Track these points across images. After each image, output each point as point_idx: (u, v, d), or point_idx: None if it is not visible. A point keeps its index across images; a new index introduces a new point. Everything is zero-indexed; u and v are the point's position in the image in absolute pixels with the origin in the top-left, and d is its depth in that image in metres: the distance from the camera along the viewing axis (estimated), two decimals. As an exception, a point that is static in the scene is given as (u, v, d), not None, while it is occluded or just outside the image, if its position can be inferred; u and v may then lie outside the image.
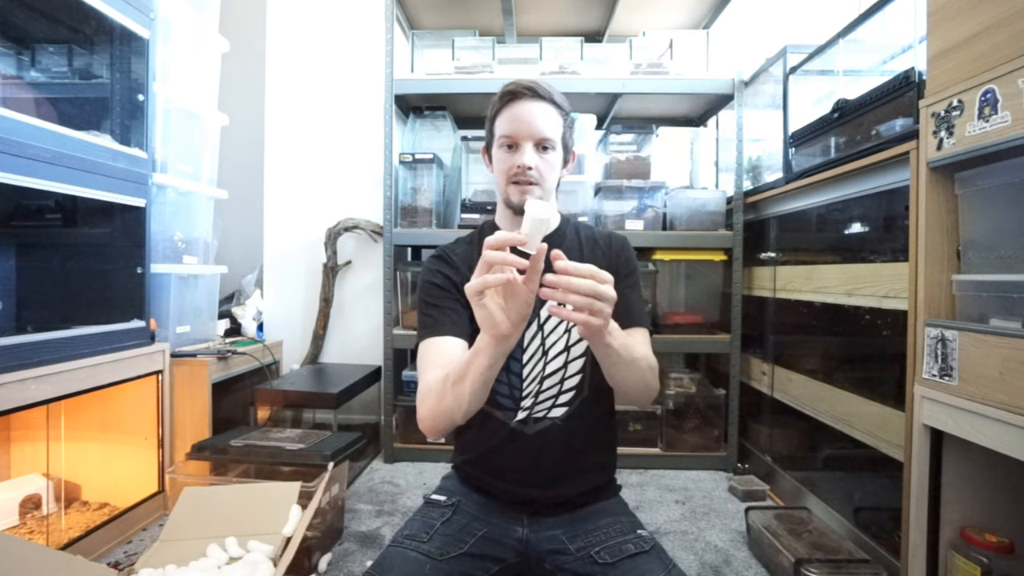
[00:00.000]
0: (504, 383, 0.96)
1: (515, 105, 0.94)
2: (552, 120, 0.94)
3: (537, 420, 0.95)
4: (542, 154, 0.94)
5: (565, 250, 0.92)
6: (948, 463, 1.03)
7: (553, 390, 0.95)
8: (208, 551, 1.19)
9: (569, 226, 1.05)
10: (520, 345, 0.95)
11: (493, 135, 0.98)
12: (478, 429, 0.98)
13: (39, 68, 1.61)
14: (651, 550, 0.84)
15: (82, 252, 1.56)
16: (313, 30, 2.47)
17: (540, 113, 0.93)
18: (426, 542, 0.87)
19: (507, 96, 0.94)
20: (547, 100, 0.94)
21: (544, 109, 0.94)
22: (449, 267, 0.99)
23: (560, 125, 0.96)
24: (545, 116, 0.94)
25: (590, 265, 0.68)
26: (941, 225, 1.04)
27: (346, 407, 1.97)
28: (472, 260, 0.95)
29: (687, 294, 2.11)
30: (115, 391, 1.46)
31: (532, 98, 0.93)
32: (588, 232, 1.05)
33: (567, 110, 0.98)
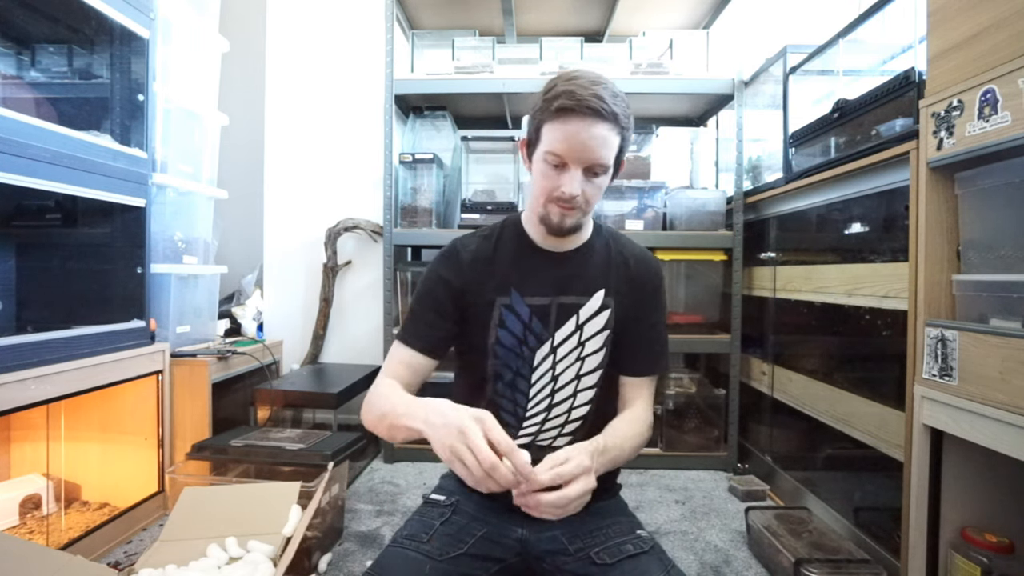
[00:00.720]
0: (508, 399, 0.94)
1: (570, 122, 0.80)
2: (610, 143, 0.81)
3: (542, 448, 0.93)
4: (591, 179, 0.84)
5: (590, 270, 0.93)
6: (948, 463, 1.03)
7: (560, 419, 0.93)
8: (208, 551, 1.19)
9: (599, 239, 0.96)
10: (530, 364, 0.92)
11: (539, 140, 0.85)
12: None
13: (39, 68, 1.61)
14: (650, 551, 0.84)
15: (82, 252, 1.55)
16: (313, 30, 2.47)
17: (599, 137, 0.80)
18: (425, 542, 0.87)
19: (563, 111, 0.79)
20: (608, 120, 0.80)
21: (603, 132, 0.80)
22: (453, 270, 0.93)
23: (617, 144, 0.83)
24: (603, 141, 0.80)
25: (551, 475, 0.71)
26: (941, 225, 1.04)
27: (346, 407, 1.97)
28: (485, 257, 0.93)
29: (687, 294, 2.11)
30: (115, 391, 1.46)
31: (592, 118, 0.79)
32: (619, 249, 0.96)
33: (627, 123, 0.84)
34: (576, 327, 0.91)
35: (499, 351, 0.92)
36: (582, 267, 0.93)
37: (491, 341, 0.92)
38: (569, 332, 0.91)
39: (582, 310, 0.91)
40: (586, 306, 0.91)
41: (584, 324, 0.91)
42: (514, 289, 0.91)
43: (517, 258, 0.93)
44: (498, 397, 0.94)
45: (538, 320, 0.91)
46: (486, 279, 0.92)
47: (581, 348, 0.92)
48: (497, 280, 0.92)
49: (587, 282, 0.92)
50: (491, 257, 0.94)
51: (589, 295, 0.92)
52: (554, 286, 0.91)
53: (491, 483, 0.68)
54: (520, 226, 0.96)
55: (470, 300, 0.93)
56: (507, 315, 0.91)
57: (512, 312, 0.91)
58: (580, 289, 0.92)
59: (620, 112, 0.81)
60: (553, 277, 0.92)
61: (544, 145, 0.83)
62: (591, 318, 0.92)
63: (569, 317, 0.91)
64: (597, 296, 0.92)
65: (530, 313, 0.91)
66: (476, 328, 0.93)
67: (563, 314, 0.91)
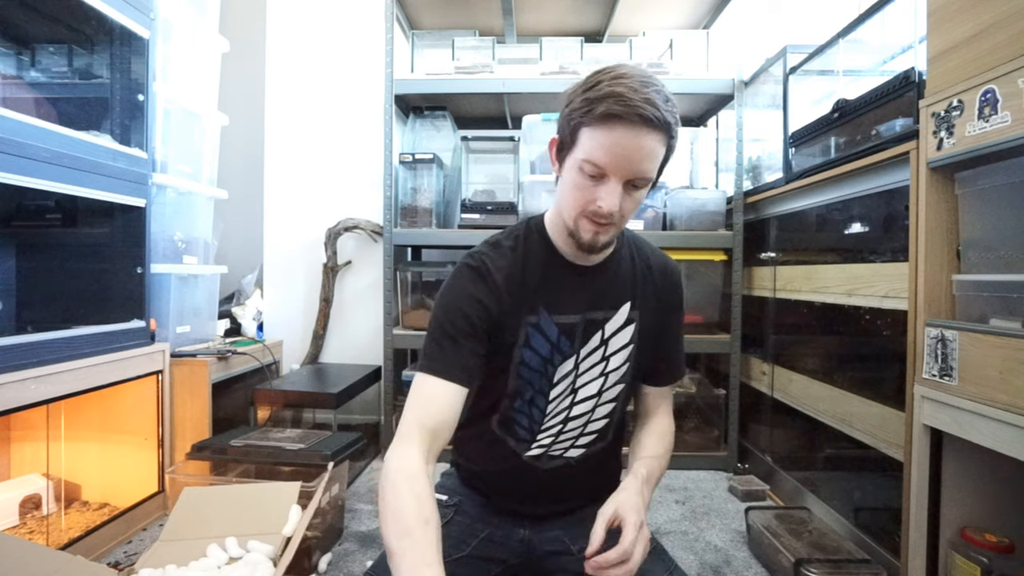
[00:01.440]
0: (525, 415, 0.89)
1: (616, 130, 0.70)
2: (657, 155, 0.72)
3: (552, 458, 0.90)
4: (631, 193, 0.74)
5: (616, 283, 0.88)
6: (948, 463, 1.03)
7: (575, 431, 0.90)
8: (208, 551, 1.19)
9: (624, 247, 0.90)
10: (550, 380, 0.86)
11: (574, 145, 0.74)
12: (487, 448, 0.92)
13: (39, 68, 1.61)
14: (653, 551, 0.84)
15: (82, 252, 1.55)
16: (313, 30, 2.47)
17: (646, 147, 0.70)
18: None
19: (609, 117, 0.69)
20: (660, 130, 0.70)
21: (652, 143, 0.71)
22: (488, 291, 0.82)
23: (662, 154, 0.74)
24: (651, 152, 0.71)
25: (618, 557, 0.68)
26: (941, 225, 1.04)
27: (346, 407, 1.97)
28: (517, 275, 0.83)
29: (687, 294, 2.10)
30: (115, 391, 1.46)
31: (642, 127, 0.69)
32: (643, 256, 0.91)
33: (675, 130, 0.74)
34: (601, 342, 0.87)
35: (523, 371, 0.85)
36: (610, 281, 0.87)
37: (515, 362, 0.84)
38: (594, 347, 0.86)
39: (608, 325, 0.86)
40: (612, 320, 0.86)
41: (609, 339, 0.87)
42: (543, 308, 0.84)
43: (545, 274, 0.85)
44: (514, 413, 0.88)
45: (565, 338, 0.85)
46: (513, 297, 0.83)
47: (605, 363, 0.87)
48: (526, 298, 0.83)
49: (614, 296, 0.87)
50: (522, 274, 0.84)
51: (616, 309, 0.86)
52: (583, 303, 0.85)
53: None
54: (546, 236, 0.87)
55: (503, 319, 0.83)
56: (533, 334, 0.84)
57: (539, 331, 0.84)
58: (606, 303, 0.86)
59: (673, 121, 0.72)
60: (582, 293, 0.85)
61: (582, 152, 0.73)
62: (616, 332, 0.87)
63: (595, 332, 0.86)
64: (623, 310, 0.87)
65: (558, 332, 0.84)
66: (500, 349, 0.84)
67: (589, 330, 0.86)
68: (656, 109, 0.69)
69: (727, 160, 2.25)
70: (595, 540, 0.70)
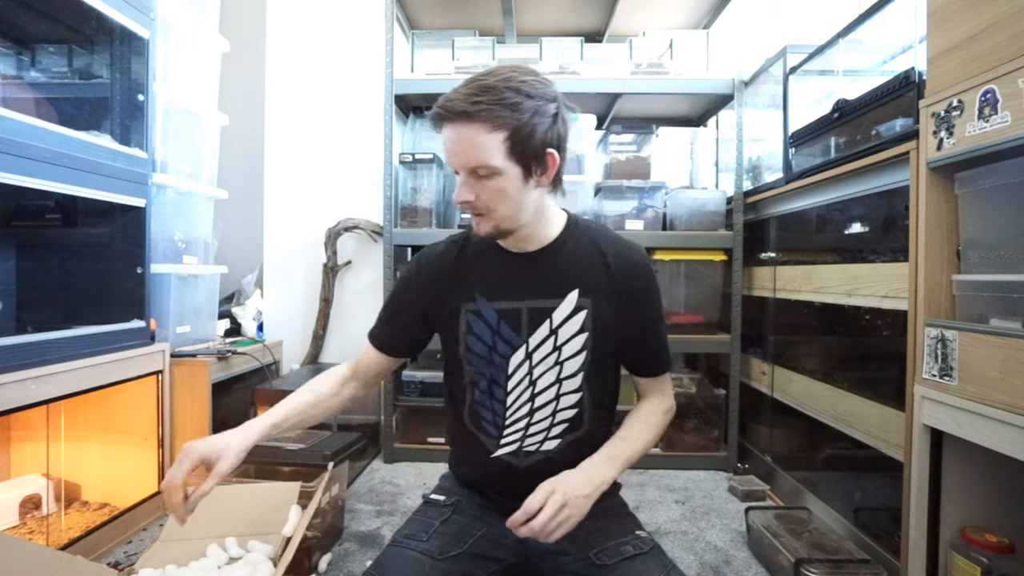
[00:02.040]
0: (487, 408, 0.92)
1: (444, 130, 0.78)
2: (483, 143, 0.75)
3: (529, 454, 0.91)
4: (482, 182, 0.78)
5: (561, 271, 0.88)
6: (948, 463, 1.03)
7: (544, 423, 0.90)
8: (208, 551, 1.19)
9: (572, 238, 0.90)
10: (505, 371, 0.89)
11: None
12: (466, 446, 0.97)
13: (39, 68, 1.61)
14: (650, 551, 0.84)
15: (82, 252, 1.55)
16: (313, 30, 2.47)
17: (465, 139, 0.76)
18: (425, 541, 0.87)
19: (435, 120, 0.79)
20: (476, 120, 0.75)
21: (470, 133, 0.76)
22: (420, 282, 0.95)
23: (499, 143, 0.76)
24: (472, 141, 0.76)
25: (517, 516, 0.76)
26: (941, 225, 1.04)
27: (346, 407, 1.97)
28: (449, 264, 0.93)
29: (687, 294, 2.11)
30: (115, 391, 1.46)
31: (454, 121, 0.76)
32: (598, 245, 0.90)
33: (519, 117, 0.76)
34: (550, 331, 0.88)
35: (471, 358, 0.91)
36: (552, 268, 0.88)
37: (462, 350, 0.91)
38: (544, 336, 0.88)
39: (555, 313, 0.87)
40: (559, 309, 0.87)
41: (559, 328, 0.88)
42: (479, 294, 0.88)
43: (483, 263, 0.91)
44: (477, 406, 0.93)
45: (507, 325, 0.88)
46: (451, 287, 0.91)
47: (558, 352, 0.88)
48: (462, 287, 0.90)
49: (558, 283, 0.87)
50: (455, 263, 0.92)
51: (561, 297, 0.87)
52: (523, 289, 0.88)
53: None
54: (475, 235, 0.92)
55: (437, 310, 0.93)
56: (475, 321, 0.89)
57: (480, 318, 0.89)
58: (551, 291, 0.87)
59: (487, 107, 0.74)
60: (521, 280, 0.88)
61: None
62: (565, 321, 0.88)
63: (542, 321, 0.87)
64: (570, 297, 0.87)
65: (498, 318, 0.88)
66: (448, 337, 0.94)
67: (535, 319, 0.87)
68: (465, 102, 0.75)
69: (727, 160, 2.25)
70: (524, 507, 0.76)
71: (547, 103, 0.79)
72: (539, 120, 0.78)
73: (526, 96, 0.77)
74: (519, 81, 0.77)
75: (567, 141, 0.85)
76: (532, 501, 0.76)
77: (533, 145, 0.78)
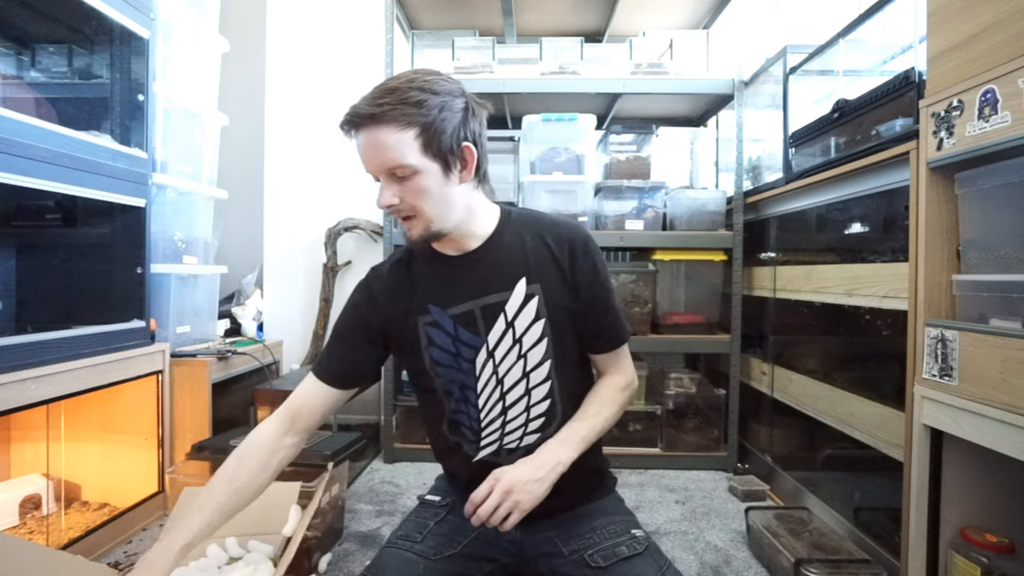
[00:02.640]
0: (464, 413, 0.91)
1: (356, 138, 0.79)
2: (394, 143, 0.76)
3: (512, 451, 0.90)
4: (403, 183, 0.78)
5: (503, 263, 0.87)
6: (948, 463, 1.03)
7: (520, 419, 0.89)
8: (208, 551, 1.19)
9: (509, 229, 0.90)
10: (473, 375, 0.88)
11: None
12: (449, 457, 0.97)
13: (39, 68, 1.61)
14: (645, 551, 0.84)
15: (82, 252, 1.55)
16: (313, 30, 2.47)
17: (377, 141, 0.76)
18: (419, 542, 0.87)
19: (344, 127, 0.79)
20: (383, 121, 0.75)
21: (381, 135, 0.76)
22: (368, 303, 0.92)
23: (410, 141, 0.76)
24: (384, 143, 0.76)
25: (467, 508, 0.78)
26: (941, 225, 1.04)
27: (346, 407, 1.96)
28: (399, 282, 0.91)
29: (687, 294, 2.11)
30: (115, 391, 1.46)
31: (362, 127, 0.77)
32: (538, 231, 0.90)
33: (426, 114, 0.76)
34: (507, 325, 0.87)
35: (438, 370, 0.90)
36: (492, 262, 0.88)
37: (428, 363, 0.90)
38: (501, 332, 0.87)
39: (507, 306, 0.87)
40: (510, 301, 0.87)
41: (514, 320, 0.87)
42: (431, 305, 0.88)
43: (428, 272, 0.90)
44: (455, 414, 0.92)
45: (464, 329, 0.87)
46: (404, 303, 0.90)
47: (519, 345, 0.88)
48: (412, 301, 0.89)
49: (503, 276, 0.87)
50: (405, 279, 0.91)
51: (510, 289, 0.87)
52: (471, 290, 0.87)
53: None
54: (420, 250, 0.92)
55: (394, 329, 0.91)
56: (433, 332, 0.88)
57: (437, 327, 0.88)
58: (498, 285, 0.87)
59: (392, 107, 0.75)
60: (465, 281, 0.87)
61: None
62: (519, 312, 0.87)
63: (496, 317, 0.87)
64: (519, 287, 0.87)
65: (454, 324, 0.87)
66: (409, 355, 0.91)
67: (489, 316, 0.87)
68: (370, 105, 0.75)
69: (727, 160, 2.25)
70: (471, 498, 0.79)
71: (454, 98, 0.79)
72: (448, 115, 0.78)
73: (431, 93, 0.77)
74: (422, 80, 0.78)
75: (483, 136, 0.85)
76: (477, 492, 0.78)
77: (446, 140, 0.78)
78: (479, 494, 0.78)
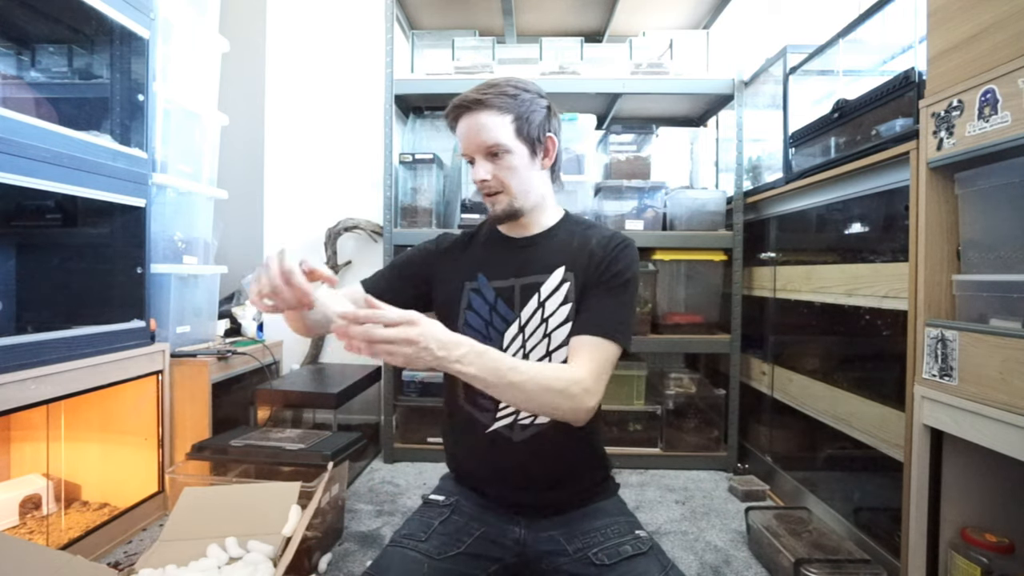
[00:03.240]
0: None
1: (459, 123, 0.93)
2: (494, 125, 0.90)
3: (524, 427, 0.93)
4: (495, 160, 0.92)
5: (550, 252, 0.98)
6: (948, 463, 1.03)
7: None
8: (208, 551, 1.19)
9: (564, 226, 1.01)
10: (500, 345, 0.94)
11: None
12: (463, 432, 0.98)
13: (39, 68, 1.61)
14: (649, 551, 0.84)
15: (82, 252, 1.55)
16: (313, 30, 2.47)
17: (480, 123, 0.90)
18: (424, 542, 0.87)
19: (451, 115, 0.94)
20: (487, 107, 0.90)
21: (484, 118, 0.90)
22: (432, 252, 1.05)
23: (507, 124, 0.91)
24: (486, 124, 0.90)
25: (370, 313, 0.72)
26: (941, 225, 1.04)
27: (346, 407, 1.97)
28: (460, 247, 1.05)
29: (687, 294, 2.11)
30: (115, 391, 1.46)
31: (469, 111, 0.91)
32: (585, 233, 0.98)
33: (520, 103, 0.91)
34: (538, 304, 0.94)
35: (468, 332, 0.94)
36: (543, 249, 0.98)
37: (460, 324, 0.96)
38: (533, 310, 0.94)
39: (543, 287, 0.94)
40: (546, 283, 0.95)
41: (545, 301, 0.94)
42: (481, 274, 0.97)
43: (488, 247, 1.02)
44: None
45: (503, 302, 0.96)
46: (457, 266, 1.01)
47: (546, 325, 0.94)
48: (466, 267, 1.00)
49: (547, 262, 0.96)
50: (465, 247, 1.04)
51: (549, 273, 0.95)
52: (516, 269, 0.97)
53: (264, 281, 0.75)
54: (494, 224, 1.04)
55: (442, 282, 1.01)
56: (474, 298, 0.97)
57: (479, 295, 0.97)
58: (539, 269, 0.96)
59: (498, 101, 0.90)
60: (515, 261, 0.97)
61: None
62: (552, 294, 0.94)
63: (531, 296, 0.95)
64: (557, 273, 0.95)
65: (496, 295, 0.96)
66: (446, 311, 0.99)
67: (526, 294, 0.95)
68: (479, 93, 0.91)
69: (727, 160, 2.25)
70: (378, 314, 0.72)
71: (540, 97, 0.95)
72: (536, 108, 0.94)
73: (523, 90, 0.93)
74: (516, 81, 0.94)
75: (560, 135, 1.00)
76: (391, 315, 0.71)
77: (534, 128, 0.93)
78: (389, 316, 0.71)
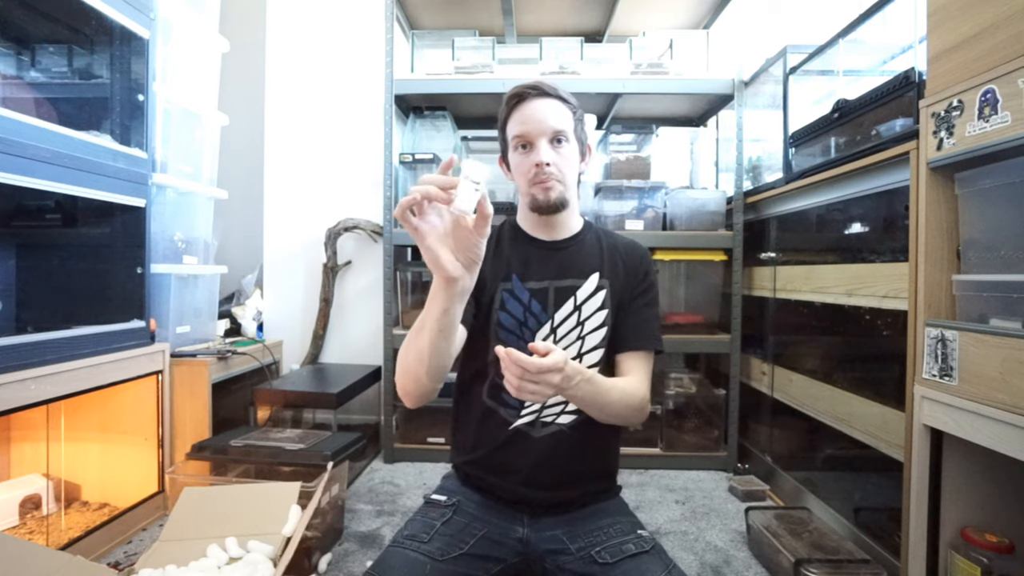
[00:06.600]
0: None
1: (523, 106, 0.94)
2: (562, 113, 0.94)
3: (545, 424, 0.95)
4: (557, 148, 0.94)
5: (583, 257, 0.99)
6: (948, 463, 1.03)
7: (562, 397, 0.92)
8: (208, 551, 1.19)
9: (590, 232, 1.04)
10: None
11: (507, 141, 0.98)
12: (480, 425, 0.98)
13: (39, 68, 1.61)
14: (651, 550, 0.85)
15: (82, 252, 1.55)
16: (313, 30, 2.47)
17: (549, 108, 0.93)
18: (426, 542, 0.87)
19: (514, 99, 0.95)
20: (553, 96, 0.94)
21: (552, 104, 0.94)
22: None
23: (571, 119, 0.95)
24: (554, 110, 0.93)
25: (540, 364, 0.71)
26: (941, 225, 1.04)
27: (346, 407, 1.97)
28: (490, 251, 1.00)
29: (687, 294, 2.11)
30: (115, 391, 1.46)
31: (538, 96, 0.94)
32: (610, 240, 1.04)
33: (575, 105, 0.98)
34: (575, 307, 0.97)
35: (500, 333, 0.96)
36: (576, 253, 1.00)
37: (493, 323, 0.97)
38: (568, 312, 0.96)
39: (579, 291, 0.97)
40: (583, 288, 0.97)
41: (582, 304, 0.97)
42: (515, 275, 0.98)
43: (517, 248, 1.01)
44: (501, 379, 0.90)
45: (537, 303, 0.97)
46: (491, 267, 0.99)
47: (581, 328, 0.96)
48: (499, 269, 0.99)
49: (582, 266, 0.98)
50: (495, 248, 1.01)
51: (584, 278, 0.97)
52: (551, 271, 0.98)
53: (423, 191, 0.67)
54: (516, 224, 1.04)
55: (480, 287, 0.97)
56: (508, 299, 0.97)
57: (513, 296, 0.97)
58: (575, 273, 0.98)
59: (564, 94, 0.95)
60: (550, 263, 0.98)
61: (511, 136, 0.95)
62: (588, 298, 0.97)
63: (567, 299, 0.97)
64: (593, 278, 0.98)
65: (529, 296, 0.97)
66: (479, 315, 0.98)
67: (561, 296, 0.97)
68: (546, 85, 0.94)
69: (727, 160, 2.25)
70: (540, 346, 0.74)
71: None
72: (582, 116, 1.00)
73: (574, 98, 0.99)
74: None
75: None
76: (548, 364, 0.72)
77: (582, 131, 0.99)
78: (545, 352, 0.73)
